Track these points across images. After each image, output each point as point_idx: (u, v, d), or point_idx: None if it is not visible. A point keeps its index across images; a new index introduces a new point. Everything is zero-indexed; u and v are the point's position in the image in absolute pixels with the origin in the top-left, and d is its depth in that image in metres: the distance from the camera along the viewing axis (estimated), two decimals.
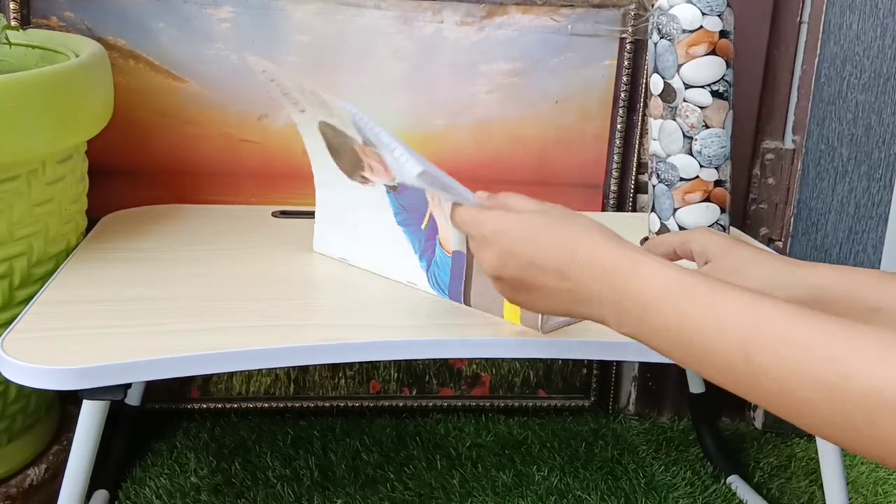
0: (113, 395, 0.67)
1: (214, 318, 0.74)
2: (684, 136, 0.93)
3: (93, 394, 0.67)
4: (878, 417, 0.42)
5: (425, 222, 0.82)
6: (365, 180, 0.85)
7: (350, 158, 0.84)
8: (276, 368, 1.16)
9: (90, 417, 0.70)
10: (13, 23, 0.99)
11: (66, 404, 1.00)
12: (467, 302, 0.78)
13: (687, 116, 0.93)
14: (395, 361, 1.18)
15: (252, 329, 0.72)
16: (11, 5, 1.00)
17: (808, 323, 0.47)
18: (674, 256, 0.76)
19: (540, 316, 0.73)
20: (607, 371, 1.22)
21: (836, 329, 0.46)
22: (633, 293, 0.54)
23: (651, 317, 0.53)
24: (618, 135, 1.13)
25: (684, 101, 0.92)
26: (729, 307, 0.50)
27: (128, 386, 0.68)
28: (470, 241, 0.65)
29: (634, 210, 1.17)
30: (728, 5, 0.92)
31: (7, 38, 0.91)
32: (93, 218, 0.97)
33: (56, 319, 0.72)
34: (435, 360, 1.18)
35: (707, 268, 0.71)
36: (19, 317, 0.72)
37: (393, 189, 0.83)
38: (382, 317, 0.77)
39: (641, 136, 1.14)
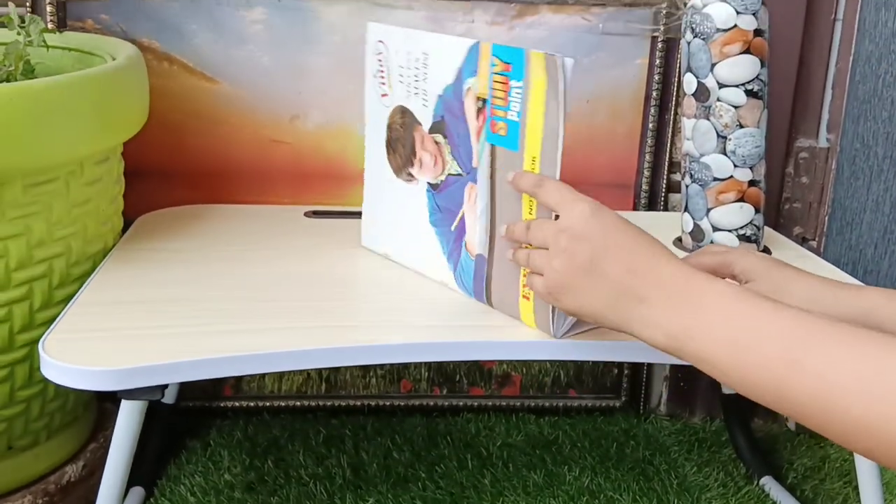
0: (151, 395, 0.68)
1: (250, 318, 0.75)
2: (718, 135, 0.93)
3: (131, 394, 0.68)
4: None
5: (455, 223, 0.82)
6: (410, 178, 0.87)
7: (403, 153, 0.87)
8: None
9: (129, 417, 0.71)
10: (49, 25, 1.01)
11: (103, 402, 1.01)
12: (489, 302, 0.79)
13: (721, 116, 0.92)
14: (426, 361, 1.18)
15: (287, 330, 0.73)
16: (48, 8, 1.01)
17: (848, 327, 0.50)
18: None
19: (552, 320, 0.73)
20: (638, 371, 1.22)
21: (877, 334, 0.49)
22: (689, 295, 0.57)
23: (703, 315, 0.56)
24: (649, 134, 1.13)
25: (718, 100, 0.92)
26: (777, 308, 0.54)
27: (165, 386, 0.69)
28: (553, 206, 0.67)
29: (666, 209, 1.16)
30: (762, 3, 0.91)
31: (44, 41, 0.92)
32: (128, 218, 0.98)
33: (95, 320, 0.73)
34: (466, 359, 1.18)
35: (751, 286, 0.72)
36: (59, 318, 0.73)
37: (434, 188, 0.84)
38: (416, 317, 0.77)
39: (673, 135, 1.13)
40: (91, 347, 0.68)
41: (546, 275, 0.65)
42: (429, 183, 0.85)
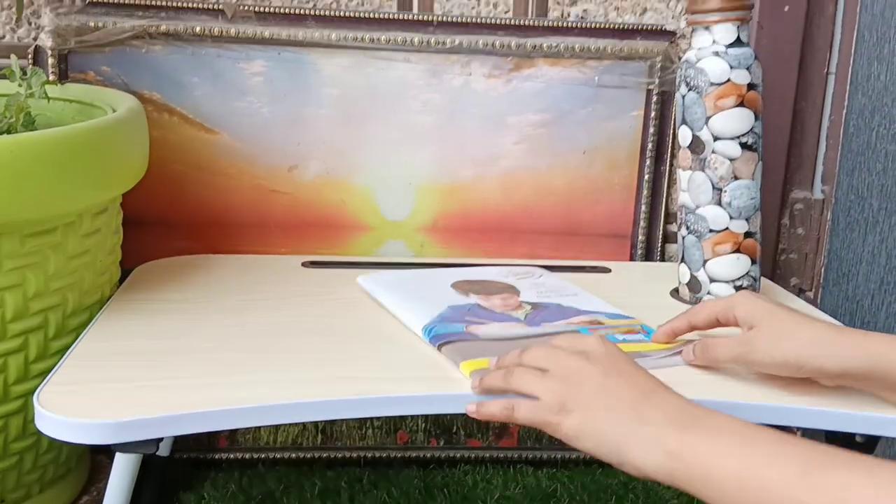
0: (146, 448, 0.67)
1: (247, 370, 0.74)
2: (713, 187, 0.93)
3: (126, 447, 0.67)
4: None
5: (475, 320, 0.85)
6: (465, 295, 0.92)
7: (479, 290, 0.93)
8: None
9: (123, 470, 0.70)
10: (51, 77, 1.02)
11: (96, 454, 1.00)
12: (439, 348, 0.78)
13: (716, 168, 0.93)
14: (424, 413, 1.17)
15: (285, 382, 0.72)
16: (50, 61, 1.02)
17: (863, 455, 0.50)
18: (716, 324, 0.76)
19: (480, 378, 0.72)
20: None
21: (891, 462, 0.48)
22: (696, 417, 0.58)
23: (712, 433, 0.56)
24: (645, 185, 1.14)
25: (713, 152, 0.93)
26: (788, 435, 0.54)
27: (160, 439, 0.68)
28: (562, 343, 0.68)
29: (663, 260, 1.16)
30: (755, 58, 0.92)
31: (45, 93, 0.93)
32: (126, 267, 0.98)
33: (90, 372, 0.73)
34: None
35: (754, 332, 0.71)
36: (54, 370, 0.72)
37: (481, 306, 0.89)
38: (414, 369, 0.77)
39: (669, 186, 1.14)
40: (86, 400, 0.67)
41: (544, 396, 0.64)
42: (478, 303, 0.90)
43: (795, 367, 0.70)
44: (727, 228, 0.94)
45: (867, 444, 0.74)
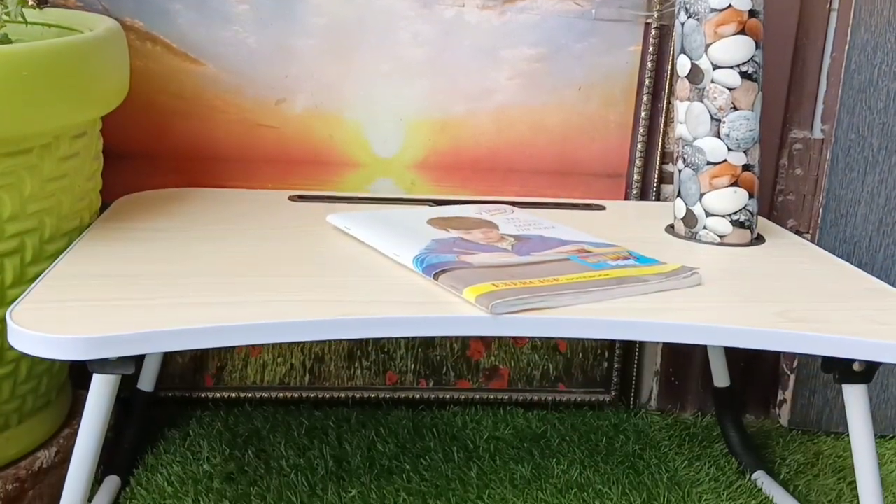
0: (124, 367, 0.65)
1: (228, 293, 0.72)
2: (712, 118, 0.91)
3: (103, 367, 0.65)
4: None
5: (461, 249, 0.84)
6: (444, 230, 0.89)
7: (458, 226, 0.91)
8: (291, 348, 1.13)
9: (100, 392, 0.68)
10: (31, 3, 0.98)
11: (77, 388, 0.98)
12: (436, 277, 0.76)
13: (715, 98, 0.90)
14: (412, 353, 1.15)
15: (266, 304, 0.70)
16: None
17: None
18: None
19: (500, 300, 0.71)
20: (628, 365, 1.19)
21: None
22: None
23: None
24: (642, 123, 1.11)
25: (712, 82, 0.90)
26: None
27: (139, 360, 0.66)
28: None
29: (658, 200, 1.14)
30: None
31: (23, 16, 0.89)
32: (108, 201, 0.96)
33: (67, 291, 0.70)
34: (452, 351, 1.16)
35: None
36: (29, 289, 0.70)
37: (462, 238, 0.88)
38: (397, 294, 0.75)
39: (666, 125, 1.12)
40: (62, 316, 0.65)
41: None
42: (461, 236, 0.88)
43: None
44: (725, 160, 0.91)
45: (866, 372, 0.72)
